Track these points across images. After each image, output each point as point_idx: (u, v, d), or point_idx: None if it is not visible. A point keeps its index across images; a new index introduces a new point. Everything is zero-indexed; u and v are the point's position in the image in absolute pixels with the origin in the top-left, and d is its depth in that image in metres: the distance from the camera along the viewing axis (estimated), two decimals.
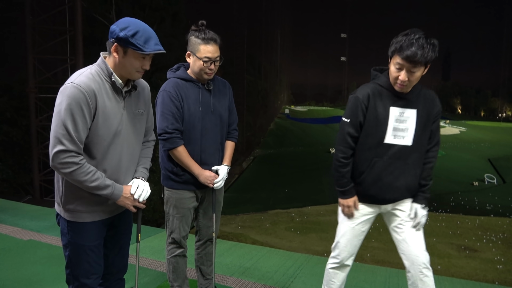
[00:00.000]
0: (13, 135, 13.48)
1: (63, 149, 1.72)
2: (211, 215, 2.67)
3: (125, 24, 1.77)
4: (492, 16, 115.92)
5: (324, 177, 31.66)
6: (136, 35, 1.75)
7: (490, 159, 37.97)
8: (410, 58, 2.00)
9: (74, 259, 1.93)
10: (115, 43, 1.78)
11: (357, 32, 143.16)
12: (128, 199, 1.92)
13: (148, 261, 3.77)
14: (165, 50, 1.87)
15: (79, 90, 1.73)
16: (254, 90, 42.14)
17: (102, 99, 1.80)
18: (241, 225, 16.58)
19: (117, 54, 1.81)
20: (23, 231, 4.68)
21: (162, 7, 21.79)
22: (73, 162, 1.74)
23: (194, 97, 2.43)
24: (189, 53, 2.42)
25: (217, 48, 2.38)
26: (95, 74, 1.82)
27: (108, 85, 1.84)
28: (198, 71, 2.40)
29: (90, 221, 1.90)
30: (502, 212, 20.78)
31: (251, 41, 44.15)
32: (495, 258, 12.47)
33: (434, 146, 2.25)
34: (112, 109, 1.85)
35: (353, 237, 2.37)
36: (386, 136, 2.17)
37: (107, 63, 1.85)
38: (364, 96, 2.19)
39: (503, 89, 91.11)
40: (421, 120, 2.15)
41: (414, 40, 2.00)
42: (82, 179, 1.77)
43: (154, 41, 1.80)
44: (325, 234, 14.72)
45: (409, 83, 2.09)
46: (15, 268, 3.57)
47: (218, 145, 2.56)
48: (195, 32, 2.38)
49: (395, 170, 2.19)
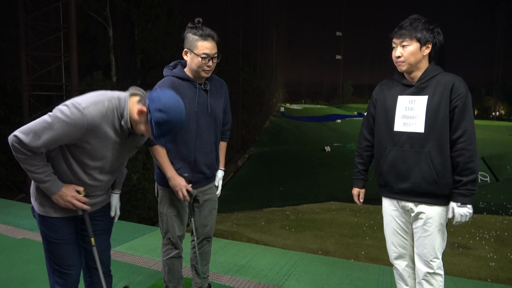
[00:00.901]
0: (6, 132, 13.36)
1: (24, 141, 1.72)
2: (206, 214, 2.67)
3: (161, 107, 1.72)
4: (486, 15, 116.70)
5: (319, 175, 31.74)
6: (165, 134, 1.75)
7: (483, 157, 38.21)
8: (397, 30, 2.14)
9: (49, 251, 2.00)
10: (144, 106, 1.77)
11: (352, 31, 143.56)
12: (62, 199, 1.89)
13: (142, 259, 3.77)
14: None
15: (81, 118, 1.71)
16: (249, 88, 42.06)
17: (100, 133, 1.79)
18: (236, 223, 16.58)
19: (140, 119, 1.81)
20: (16, 230, 4.65)
21: (157, 4, 21.67)
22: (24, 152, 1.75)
23: (190, 97, 2.41)
24: (186, 50, 2.39)
25: (214, 45, 2.37)
26: (110, 110, 1.79)
27: (116, 124, 1.83)
28: (196, 68, 2.37)
29: (57, 217, 1.94)
30: (495, 210, 20.95)
31: (247, 39, 44.09)
32: (488, 256, 12.58)
33: (461, 137, 2.07)
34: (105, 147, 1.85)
35: (390, 235, 2.41)
36: (395, 124, 2.21)
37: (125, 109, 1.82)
38: (375, 90, 2.36)
39: (497, 88, 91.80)
40: (432, 107, 2.11)
41: (406, 20, 2.14)
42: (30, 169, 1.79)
43: (169, 136, 1.78)
44: (320, 232, 14.77)
45: (406, 60, 2.14)
46: (8, 266, 3.55)
47: (212, 145, 2.56)
48: (192, 29, 2.37)
49: (408, 159, 2.18)
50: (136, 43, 21.81)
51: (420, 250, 2.25)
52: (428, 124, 2.12)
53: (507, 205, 22.49)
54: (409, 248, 2.38)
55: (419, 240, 2.25)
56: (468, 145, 2.07)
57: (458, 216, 2.11)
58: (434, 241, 2.21)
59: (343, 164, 35.70)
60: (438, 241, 2.22)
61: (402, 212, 2.33)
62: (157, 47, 21.23)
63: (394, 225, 2.37)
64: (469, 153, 2.07)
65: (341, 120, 72.48)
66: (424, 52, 2.14)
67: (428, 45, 2.13)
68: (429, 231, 2.21)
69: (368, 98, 17.96)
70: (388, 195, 2.37)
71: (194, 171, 2.49)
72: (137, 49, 21.78)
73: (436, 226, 2.20)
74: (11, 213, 5.38)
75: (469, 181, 2.08)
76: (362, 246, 13.56)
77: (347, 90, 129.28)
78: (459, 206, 2.10)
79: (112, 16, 20.55)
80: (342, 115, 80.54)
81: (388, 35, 2.20)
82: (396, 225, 2.36)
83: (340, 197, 22.65)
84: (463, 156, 2.08)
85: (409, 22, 2.12)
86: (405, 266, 2.41)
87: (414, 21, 2.12)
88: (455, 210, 2.12)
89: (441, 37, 2.15)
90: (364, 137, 2.46)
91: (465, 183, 2.09)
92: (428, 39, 2.11)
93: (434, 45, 2.14)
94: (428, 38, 2.11)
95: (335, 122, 70.94)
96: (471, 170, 2.08)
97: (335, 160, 37.96)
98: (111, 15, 20.53)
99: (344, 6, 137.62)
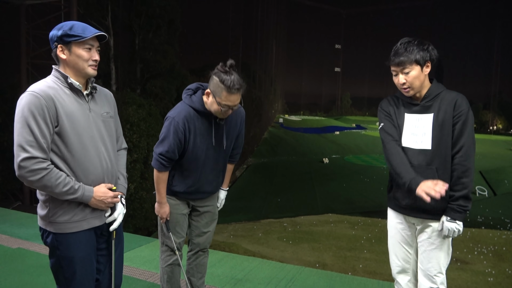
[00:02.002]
0: (4, 140, 13.33)
1: (28, 156, 1.70)
2: (204, 223, 2.66)
3: (60, 25, 1.85)
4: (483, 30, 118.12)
5: (317, 186, 31.67)
6: (73, 28, 1.83)
7: (481, 171, 38.25)
8: (395, 60, 2.15)
9: (68, 275, 1.86)
10: (58, 44, 1.83)
11: (351, 44, 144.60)
12: (101, 201, 1.88)
13: (138, 272, 3.72)
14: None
15: (35, 96, 1.74)
16: (248, 99, 42.22)
17: (62, 103, 1.80)
18: (233, 234, 16.47)
19: (64, 54, 1.84)
20: (11, 239, 4.60)
21: (158, 14, 21.82)
22: (41, 168, 1.71)
23: (204, 129, 2.37)
24: (209, 91, 2.27)
25: (239, 96, 2.26)
26: (51, 82, 1.84)
27: (67, 90, 1.86)
28: (213, 111, 2.31)
29: (79, 231, 1.86)
30: (493, 224, 20.90)
31: (246, 50, 44.44)
32: (486, 271, 12.50)
33: (458, 152, 2.10)
34: (76, 112, 1.84)
35: (394, 248, 2.39)
36: (403, 140, 2.23)
37: (60, 70, 1.87)
38: (384, 103, 2.37)
39: (494, 102, 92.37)
40: (437, 124, 2.14)
41: (398, 45, 2.16)
42: (54, 184, 1.73)
43: (91, 28, 1.86)
44: (317, 245, 14.68)
45: (411, 85, 2.16)
46: (2, 277, 3.50)
47: (218, 172, 2.58)
48: (221, 74, 2.21)
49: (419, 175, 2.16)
50: (136, 53, 21.92)
51: (424, 264, 2.24)
52: (435, 141, 2.14)
53: (505, 219, 22.45)
54: (412, 263, 2.36)
55: (424, 253, 2.24)
56: (463, 160, 2.10)
57: (446, 230, 2.13)
58: (439, 255, 2.21)
59: (341, 176, 35.69)
60: (443, 256, 2.21)
61: (407, 226, 2.33)
62: (157, 57, 21.34)
63: (398, 238, 2.36)
64: (463, 168, 2.10)
65: (339, 132, 72.67)
66: (426, 72, 2.17)
67: (427, 64, 2.16)
68: (434, 244, 2.21)
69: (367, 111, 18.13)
70: (395, 208, 2.36)
71: (195, 193, 2.54)
72: (137, 58, 21.88)
73: (442, 239, 2.20)
74: (7, 222, 5.33)
75: (460, 196, 2.10)
76: (360, 259, 13.46)
77: (346, 102, 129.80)
78: (448, 221, 2.11)
79: (113, 25, 20.68)
80: (341, 127, 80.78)
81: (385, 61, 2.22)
82: (401, 238, 2.35)
83: (338, 209, 22.59)
84: (457, 171, 2.11)
85: (403, 47, 2.14)
86: (408, 281, 2.38)
87: (408, 45, 2.14)
88: (444, 224, 2.14)
89: (436, 51, 2.19)
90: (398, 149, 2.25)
91: (457, 198, 2.11)
92: (426, 58, 2.14)
93: (432, 61, 2.18)
94: (426, 57, 2.14)
95: (333, 134, 71.11)
96: (463, 185, 2.10)
97: (333, 172, 37.95)
98: (112, 25, 20.67)
99: (343, 19, 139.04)
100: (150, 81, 21.43)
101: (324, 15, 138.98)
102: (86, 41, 1.83)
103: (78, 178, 1.84)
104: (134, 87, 21.58)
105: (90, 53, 1.86)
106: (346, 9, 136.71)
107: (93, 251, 1.94)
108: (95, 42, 1.88)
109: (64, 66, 1.87)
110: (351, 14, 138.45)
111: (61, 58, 1.85)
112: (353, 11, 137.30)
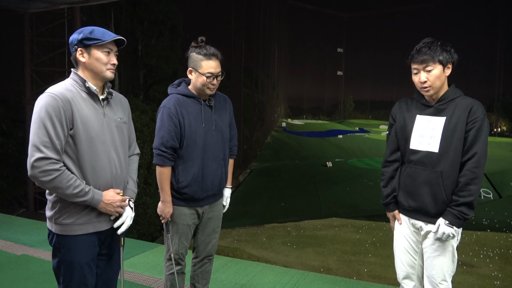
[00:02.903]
0: (8, 146, 13.41)
1: (42, 156, 1.72)
2: (209, 232, 2.65)
3: (80, 29, 1.89)
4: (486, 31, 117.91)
5: (321, 191, 31.58)
6: (93, 32, 1.86)
7: (486, 173, 38.04)
8: (419, 58, 2.13)
9: (66, 278, 1.87)
10: (78, 48, 1.86)
11: (353, 47, 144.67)
12: (110, 205, 1.89)
13: (142, 277, 3.72)
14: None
15: (53, 98, 1.77)
16: (251, 103, 42.32)
17: (78, 106, 1.83)
18: (237, 239, 16.44)
19: (83, 57, 1.88)
20: (16, 246, 4.61)
21: (161, 21, 21.99)
22: (54, 169, 1.73)
23: (195, 113, 2.44)
24: (190, 69, 2.43)
25: (218, 63, 2.41)
26: (69, 85, 1.87)
27: (84, 94, 1.88)
28: (201, 86, 2.41)
29: (82, 234, 1.86)
30: (498, 227, 20.75)
31: (249, 54, 44.55)
32: (492, 274, 12.40)
33: (470, 159, 2.07)
34: (91, 116, 1.87)
35: (400, 253, 2.38)
36: (411, 141, 2.23)
37: (79, 73, 1.90)
38: (395, 107, 2.37)
39: (498, 104, 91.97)
40: (448, 128, 2.11)
41: (422, 44, 2.15)
42: (65, 185, 1.75)
43: (110, 32, 1.90)
44: (322, 249, 14.61)
45: (432, 85, 2.14)
46: (7, 284, 3.51)
47: (220, 161, 2.56)
48: (195, 48, 2.40)
49: (420, 177, 2.18)
50: (139, 59, 22.07)
51: (429, 271, 2.22)
52: (443, 144, 2.12)
53: (511, 222, 22.26)
54: (418, 268, 2.34)
55: (428, 260, 2.22)
56: (474, 167, 2.07)
57: (441, 234, 2.10)
58: (443, 262, 2.18)
59: (344, 180, 35.57)
60: (447, 263, 2.18)
61: (413, 231, 2.31)
62: (160, 63, 21.48)
63: (404, 243, 2.35)
64: (473, 175, 2.06)
65: (342, 136, 72.57)
66: (447, 73, 2.16)
67: (449, 65, 2.15)
68: (438, 251, 2.18)
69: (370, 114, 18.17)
70: (399, 211, 2.36)
71: (201, 188, 2.49)
72: (140, 64, 22.02)
73: (445, 246, 2.17)
74: (11, 229, 5.34)
75: (464, 203, 2.07)
76: (365, 264, 13.39)
77: (349, 106, 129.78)
78: (446, 225, 2.09)
79: (116, 32, 20.84)
80: (344, 130, 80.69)
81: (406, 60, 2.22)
82: (406, 243, 2.34)
83: (342, 213, 22.50)
84: (466, 177, 2.07)
85: (427, 45, 2.13)
86: (413, 287, 2.37)
87: (432, 44, 2.13)
88: (440, 226, 2.11)
89: (457, 55, 2.17)
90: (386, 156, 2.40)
91: (460, 204, 2.07)
92: (448, 60, 2.13)
93: (453, 64, 2.17)
94: (448, 59, 2.13)
95: (336, 137, 71.03)
96: (469, 192, 2.06)
97: (336, 176, 37.84)
98: (115, 31, 20.84)
99: (345, 23, 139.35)
100: (153, 86, 21.56)
101: (326, 19, 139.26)
102: (105, 44, 1.87)
103: (87, 181, 1.86)
104: (137, 92, 21.69)
105: (108, 57, 1.90)
106: (348, 13, 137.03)
107: (93, 259, 1.94)
108: (113, 46, 1.92)
109: (82, 70, 1.90)
110: (353, 18, 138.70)
111: (80, 61, 1.88)
112: (355, 15, 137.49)
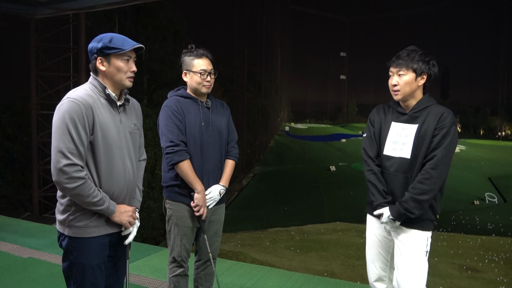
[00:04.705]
0: (13, 151, 13.51)
1: (70, 163, 1.73)
2: (211, 235, 2.67)
3: (99, 37, 1.89)
4: (489, 34, 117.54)
5: (324, 195, 31.52)
6: (112, 40, 1.86)
7: (490, 177, 37.84)
8: (395, 62, 2.21)
9: (78, 281, 1.88)
10: (98, 56, 1.87)
11: (356, 51, 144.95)
12: (124, 214, 1.92)
13: (147, 280, 3.74)
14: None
15: (76, 103, 1.78)
16: (254, 108, 42.37)
17: (98, 112, 1.85)
18: (241, 243, 16.42)
19: (103, 66, 1.89)
20: (22, 249, 4.65)
21: (165, 26, 22.10)
22: (79, 176, 1.75)
23: (194, 112, 2.54)
24: (185, 72, 2.57)
25: (209, 62, 2.55)
26: (89, 90, 1.88)
27: (103, 100, 1.90)
28: (196, 85, 2.53)
29: (95, 236, 1.88)
30: (503, 231, 20.60)
31: (252, 59, 44.67)
32: (498, 279, 12.31)
33: (429, 160, 2.11)
34: (110, 123, 1.89)
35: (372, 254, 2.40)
36: (385, 148, 2.28)
37: (99, 79, 1.91)
38: (373, 112, 2.42)
39: (502, 108, 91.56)
40: (420, 135, 2.17)
41: (403, 51, 2.22)
42: (87, 194, 1.77)
43: (129, 40, 1.91)
44: (325, 253, 14.56)
45: (401, 89, 2.20)
46: (14, 286, 3.54)
47: (217, 162, 2.60)
48: (186, 53, 2.57)
49: (393, 182, 2.24)
50: (143, 63, 22.18)
51: (397, 276, 2.22)
52: (415, 151, 2.17)
53: None
54: (389, 271, 2.36)
55: (398, 265, 2.23)
56: (430, 168, 2.10)
57: (384, 219, 2.20)
58: (409, 269, 2.17)
59: (348, 184, 35.47)
60: (414, 269, 2.17)
61: (385, 231, 2.34)
62: (163, 68, 21.58)
63: (376, 244, 2.38)
64: (427, 175, 2.09)
65: (346, 140, 72.44)
66: (419, 82, 2.20)
67: (423, 76, 2.20)
68: (403, 256, 2.20)
69: None
70: (371, 213, 2.38)
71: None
72: (144, 69, 22.14)
73: (411, 251, 2.17)
74: (17, 232, 5.39)
75: (411, 198, 2.09)
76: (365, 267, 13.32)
77: (352, 110, 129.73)
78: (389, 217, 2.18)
79: None
80: (347, 134, 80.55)
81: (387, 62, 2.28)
82: (378, 244, 2.37)
83: (346, 218, 22.41)
84: (420, 176, 2.11)
85: (406, 52, 2.21)
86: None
87: (411, 52, 2.20)
88: (384, 213, 2.20)
89: (436, 69, 2.22)
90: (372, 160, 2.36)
91: (407, 200, 2.10)
92: (424, 70, 2.18)
93: (429, 76, 2.21)
94: (424, 69, 2.18)
95: (340, 141, 70.89)
96: (419, 190, 2.09)
97: (340, 180, 37.76)
98: None
99: (348, 27, 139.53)
100: (157, 91, 21.64)
101: (328, 23, 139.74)
102: (125, 53, 1.88)
103: (102, 187, 1.88)
104: (141, 97, 21.79)
105: (128, 65, 1.91)
106: (351, 17, 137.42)
107: (104, 262, 1.96)
108: (132, 53, 1.93)
109: (102, 77, 1.92)
110: (355, 22, 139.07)
111: (100, 70, 1.89)
112: (357, 19, 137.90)
